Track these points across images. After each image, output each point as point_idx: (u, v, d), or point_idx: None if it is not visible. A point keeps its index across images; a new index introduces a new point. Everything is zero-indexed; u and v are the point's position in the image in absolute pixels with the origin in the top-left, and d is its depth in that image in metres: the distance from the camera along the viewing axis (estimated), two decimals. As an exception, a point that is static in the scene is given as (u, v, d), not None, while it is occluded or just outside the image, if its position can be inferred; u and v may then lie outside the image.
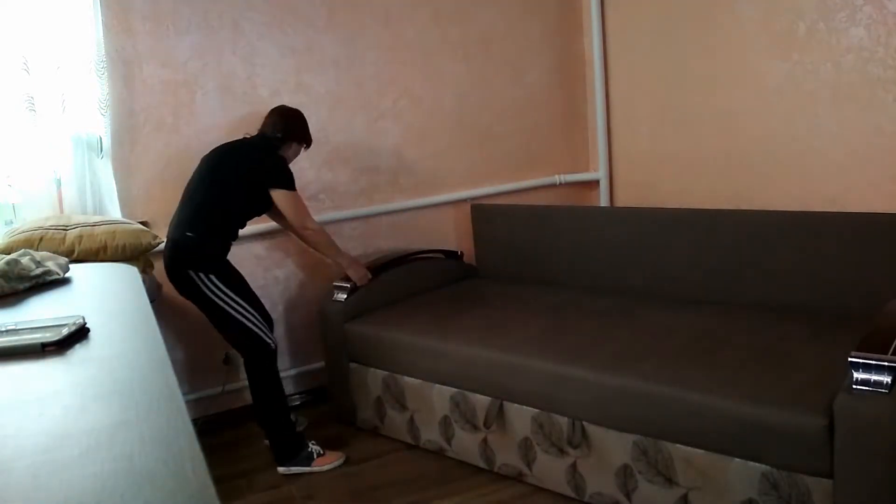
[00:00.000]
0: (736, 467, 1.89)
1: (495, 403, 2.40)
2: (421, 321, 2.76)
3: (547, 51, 3.66)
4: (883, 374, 1.67)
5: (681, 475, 2.00)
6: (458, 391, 2.51)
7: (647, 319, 2.58)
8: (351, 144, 3.22)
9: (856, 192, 2.72)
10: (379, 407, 2.80)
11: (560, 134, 3.75)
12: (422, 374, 2.61)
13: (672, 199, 3.39)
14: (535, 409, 2.30)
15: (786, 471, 1.81)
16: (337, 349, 2.89)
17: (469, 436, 2.51)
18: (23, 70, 2.48)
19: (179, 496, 0.54)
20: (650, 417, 2.04)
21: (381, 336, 2.75)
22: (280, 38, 3.00)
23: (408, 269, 3.15)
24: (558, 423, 2.25)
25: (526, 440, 2.35)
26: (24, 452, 0.64)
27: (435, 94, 3.39)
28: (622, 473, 2.12)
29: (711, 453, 1.94)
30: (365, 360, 2.82)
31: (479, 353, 2.46)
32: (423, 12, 3.31)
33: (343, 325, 2.84)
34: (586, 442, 2.19)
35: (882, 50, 2.58)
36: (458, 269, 3.38)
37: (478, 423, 2.47)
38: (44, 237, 2.29)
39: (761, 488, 1.85)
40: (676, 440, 2.00)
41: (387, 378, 2.73)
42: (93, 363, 0.92)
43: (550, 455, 2.29)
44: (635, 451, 2.08)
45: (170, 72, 2.81)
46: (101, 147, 2.67)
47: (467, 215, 3.45)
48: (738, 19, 3.04)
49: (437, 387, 2.57)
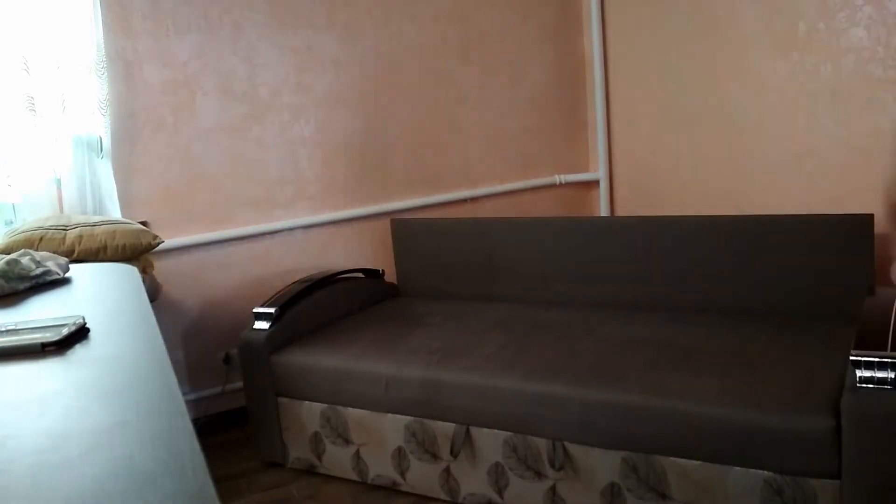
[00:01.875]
0: (736, 476, 1.85)
1: (461, 429, 2.24)
2: (361, 346, 2.55)
3: (547, 51, 3.66)
4: (886, 370, 1.68)
5: (675, 489, 1.93)
6: (415, 419, 2.32)
7: (604, 331, 2.49)
8: (351, 144, 3.21)
9: (856, 193, 2.72)
10: (316, 443, 2.56)
11: (560, 134, 3.75)
12: (370, 404, 2.40)
13: (672, 198, 3.40)
14: (508, 433, 2.16)
15: (789, 475, 1.78)
16: (262, 384, 2.61)
17: (428, 467, 2.33)
18: (23, 70, 2.48)
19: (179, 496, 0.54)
20: (640, 432, 1.96)
21: (319, 365, 2.51)
22: (280, 38, 3.00)
23: (329, 292, 2.89)
24: (535, 445, 2.12)
25: (497, 466, 2.20)
26: (24, 452, 0.64)
27: (434, 94, 3.39)
28: (608, 493, 2.03)
29: (709, 464, 1.88)
30: (297, 394, 2.55)
31: (439, 375, 2.29)
32: (423, 12, 3.31)
33: (269, 357, 2.58)
34: (570, 463, 2.08)
35: (882, 50, 2.58)
36: (380, 288, 3.18)
37: (438, 453, 2.30)
38: (44, 237, 2.29)
39: (764, 495, 1.82)
40: (670, 453, 1.93)
41: (326, 411, 2.50)
42: (93, 363, 0.92)
43: (526, 480, 2.16)
44: (624, 468, 1.99)
45: (170, 72, 2.81)
46: (101, 147, 2.67)
47: (386, 231, 3.28)
48: (738, 19, 3.04)
49: (389, 416, 2.37)
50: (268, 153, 3.02)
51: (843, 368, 1.92)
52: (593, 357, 2.26)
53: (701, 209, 2.91)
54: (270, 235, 3.05)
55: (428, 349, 2.46)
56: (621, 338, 2.42)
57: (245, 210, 2.99)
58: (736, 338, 2.31)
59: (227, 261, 2.97)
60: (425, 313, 2.89)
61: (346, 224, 3.22)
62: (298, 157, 3.08)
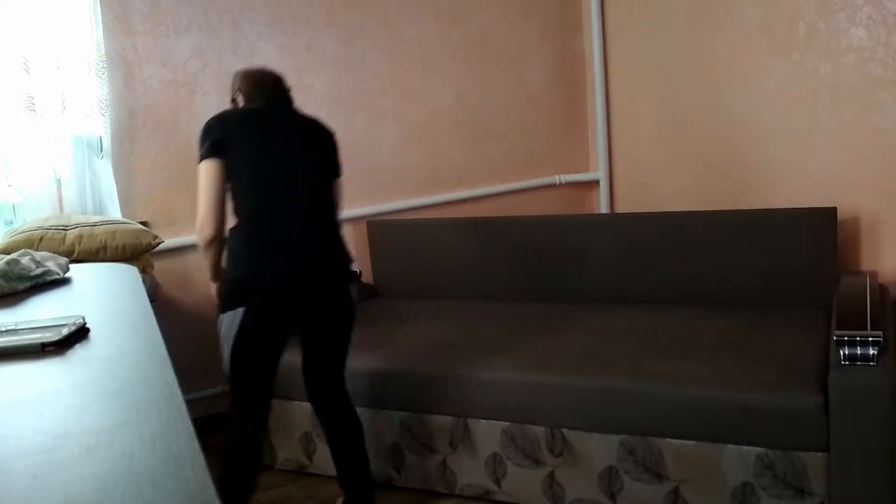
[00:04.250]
0: (730, 453, 1.95)
1: (458, 422, 2.28)
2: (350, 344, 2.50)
3: (547, 51, 3.66)
4: (867, 347, 1.81)
5: (671, 469, 2.03)
6: (411, 415, 2.35)
7: (586, 324, 2.57)
8: (351, 144, 3.21)
9: (856, 192, 2.72)
10: (306, 443, 2.55)
11: (560, 134, 3.75)
12: (364, 401, 2.37)
13: (672, 198, 3.39)
14: (506, 423, 2.22)
15: (780, 450, 1.89)
16: None
17: (423, 461, 2.36)
18: (23, 70, 2.48)
19: (179, 496, 0.54)
20: (637, 416, 2.04)
21: None
22: (280, 38, 3.00)
23: None
24: (533, 433, 2.18)
25: (494, 456, 2.25)
26: (24, 452, 0.64)
27: (435, 94, 3.39)
28: (606, 476, 2.10)
29: (704, 443, 1.98)
30: (286, 394, 2.46)
31: (434, 370, 2.32)
32: (423, 12, 3.31)
33: None
34: (568, 449, 2.14)
35: (882, 50, 2.58)
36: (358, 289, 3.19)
37: (435, 446, 2.33)
38: (44, 237, 2.29)
39: (756, 470, 1.93)
40: (666, 435, 2.01)
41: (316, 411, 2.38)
42: (93, 363, 0.92)
43: (523, 468, 2.22)
44: (621, 452, 2.07)
45: (170, 72, 2.81)
46: (101, 147, 2.67)
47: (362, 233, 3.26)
48: (738, 19, 3.04)
49: (384, 413, 2.39)
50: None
51: (823, 349, 2.08)
52: (583, 347, 2.33)
53: (701, 209, 2.92)
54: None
55: (419, 345, 2.49)
56: (605, 329, 2.51)
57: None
58: (716, 326, 2.43)
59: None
60: (408, 312, 2.93)
61: (346, 224, 3.22)
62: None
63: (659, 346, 2.30)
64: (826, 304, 2.48)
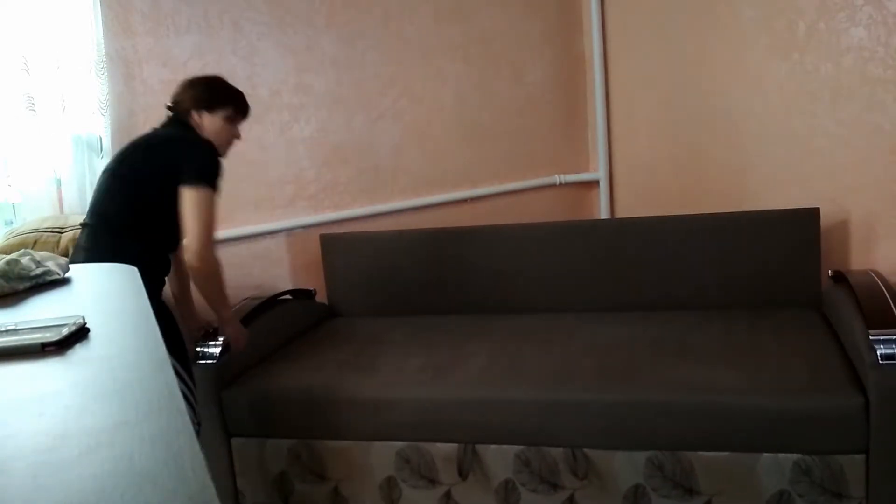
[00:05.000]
0: (765, 462, 1.88)
1: (466, 449, 2.07)
2: (330, 371, 2.33)
3: (547, 51, 3.66)
4: None
5: (703, 483, 1.94)
6: (409, 444, 2.13)
7: (584, 335, 2.45)
8: (351, 144, 3.21)
9: (856, 192, 2.72)
10: (282, 483, 2.28)
11: (560, 134, 3.75)
12: (351, 434, 2.17)
13: (672, 199, 3.39)
14: (519, 446, 2.04)
15: (818, 455, 1.84)
16: (210, 426, 2.29)
17: (424, 493, 2.13)
18: (23, 70, 2.48)
19: (179, 496, 0.54)
20: (666, 429, 1.94)
21: (287, 397, 2.25)
22: (280, 38, 3.00)
23: (267, 317, 2.65)
24: (550, 455, 2.02)
25: (506, 483, 2.07)
26: (24, 452, 0.64)
27: (435, 94, 3.39)
28: (632, 495, 1.98)
29: (738, 453, 1.90)
30: (257, 432, 2.29)
31: (437, 394, 2.11)
32: (423, 12, 3.31)
33: (220, 394, 2.30)
34: (591, 470, 2.00)
35: (882, 50, 2.58)
36: (314, 310, 3.00)
37: (437, 477, 2.11)
38: (38, 240, 2.28)
39: (792, 477, 1.87)
40: (698, 448, 1.93)
41: (295, 447, 2.24)
42: (93, 363, 0.92)
43: (539, 493, 2.05)
44: (649, 468, 1.96)
45: (170, 72, 2.80)
46: (101, 147, 2.67)
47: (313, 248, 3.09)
48: (738, 19, 3.03)
49: (374, 444, 2.15)
50: (268, 153, 3.02)
51: (837, 349, 2.05)
52: (593, 360, 2.20)
53: (702, 209, 2.92)
54: (271, 235, 3.05)
55: (413, 367, 2.29)
56: (606, 340, 2.39)
57: (245, 210, 2.99)
58: (718, 330, 2.38)
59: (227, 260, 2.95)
60: (377, 332, 2.73)
61: (347, 223, 3.22)
62: (298, 157, 3.08)
63: (670, 353, 2.19)
64: (813, 303, 2.50)
